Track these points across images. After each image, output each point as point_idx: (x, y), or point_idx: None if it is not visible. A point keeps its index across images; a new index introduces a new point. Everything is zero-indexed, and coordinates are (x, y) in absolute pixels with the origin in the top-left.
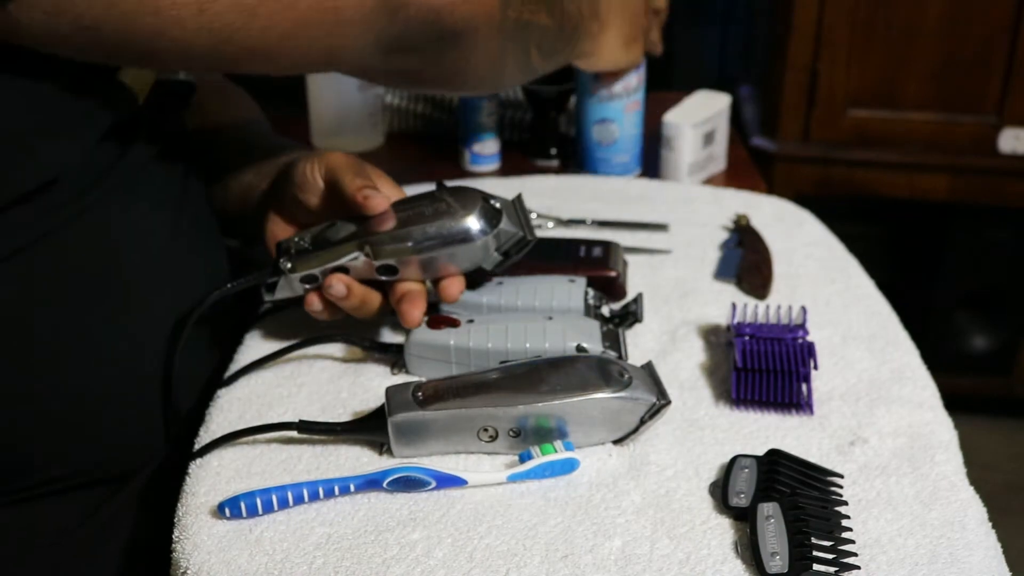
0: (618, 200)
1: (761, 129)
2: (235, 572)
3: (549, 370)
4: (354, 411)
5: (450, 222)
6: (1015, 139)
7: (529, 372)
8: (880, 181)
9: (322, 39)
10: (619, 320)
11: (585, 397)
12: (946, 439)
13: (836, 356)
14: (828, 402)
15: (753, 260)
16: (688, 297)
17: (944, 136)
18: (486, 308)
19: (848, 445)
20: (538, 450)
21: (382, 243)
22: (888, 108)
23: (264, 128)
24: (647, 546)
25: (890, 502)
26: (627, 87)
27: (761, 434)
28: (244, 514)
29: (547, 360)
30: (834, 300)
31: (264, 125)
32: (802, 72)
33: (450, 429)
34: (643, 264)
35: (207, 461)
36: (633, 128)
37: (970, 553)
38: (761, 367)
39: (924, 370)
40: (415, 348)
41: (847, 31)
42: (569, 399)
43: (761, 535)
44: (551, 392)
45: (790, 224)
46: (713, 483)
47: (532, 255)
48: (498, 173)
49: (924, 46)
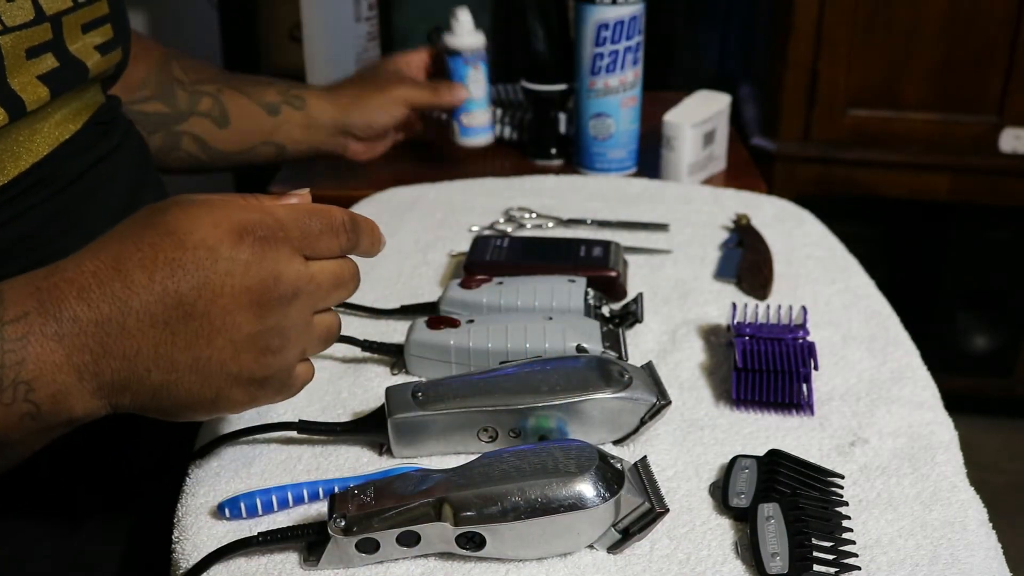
0: (618, 200)
1: (761, 129)
2: (235, 572)
3: (549, 370)
4: (354, 411)
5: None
6: (1015, 139)
7: (529, 372)
8: (880, 181)
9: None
10: (619, 320)
11: (585, 397)
12: (947, 439)
13: (836, 356)
14: (828, 402)
15: (753, 260)
16: (688, 297)
17: (944, 136)
18: (486, 308)
19: (848, 445)
20: None
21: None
22: (888, 108)
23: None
24: (647, 546)
25: (890, 503)
26: (623, 82)
27: (761, 434)
28: (244, 514)
29: (547, 360)
30: (834, 300)
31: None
32: (802, 72)
33: (450, 429)
34: (643, 264)
35: (207, 461)
36: (629, 124)
37: (971, 554)
38: (761, 367)
39: (924, 370)
40: (415, 348)
41: (847, 31)
42: (569, 399)
43: (761, 535)
44: (551, 392)
45: (790, 224)
46: (713, 483)
47: (532, 255)
48: (492, 151)
49: (924, 46)
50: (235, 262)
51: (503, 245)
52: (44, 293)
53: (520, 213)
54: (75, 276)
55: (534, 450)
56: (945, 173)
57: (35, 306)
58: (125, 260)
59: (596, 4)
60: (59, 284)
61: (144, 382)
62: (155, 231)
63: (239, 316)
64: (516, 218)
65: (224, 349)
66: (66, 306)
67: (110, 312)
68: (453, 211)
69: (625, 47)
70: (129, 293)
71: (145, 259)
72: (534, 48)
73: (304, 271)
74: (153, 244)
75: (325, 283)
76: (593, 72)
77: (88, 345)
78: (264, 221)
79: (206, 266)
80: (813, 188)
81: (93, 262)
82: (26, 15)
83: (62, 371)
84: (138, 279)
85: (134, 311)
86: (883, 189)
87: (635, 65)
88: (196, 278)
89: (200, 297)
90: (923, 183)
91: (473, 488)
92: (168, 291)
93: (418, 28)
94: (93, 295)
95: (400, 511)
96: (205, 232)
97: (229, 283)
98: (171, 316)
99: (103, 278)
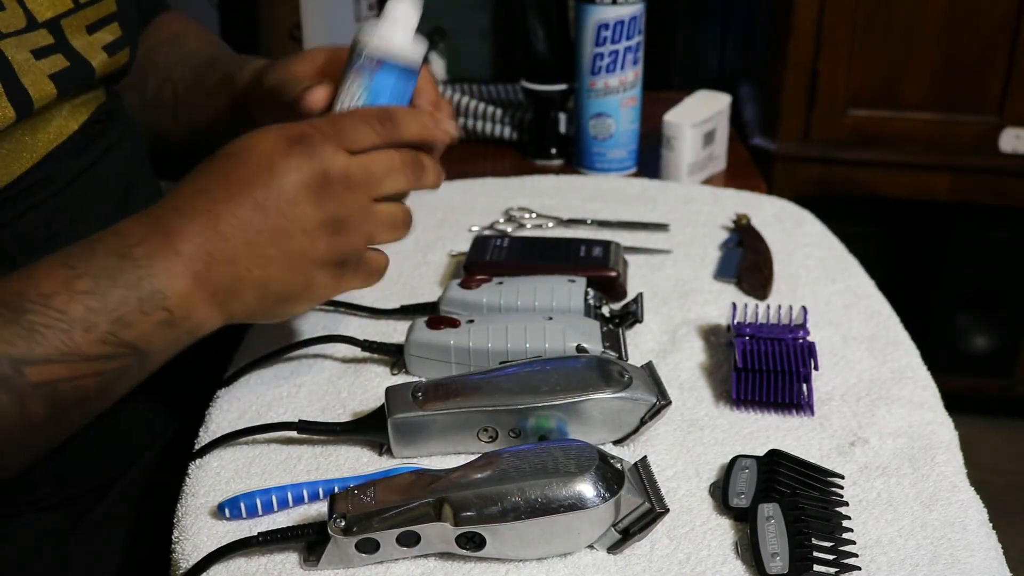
0: (618, 200)
1: (761, 129)
2: (235, 572)
3: (549, 370)
4: (354, 411)
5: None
6: (1016, 139)
7: (529, 372)
8: (881, 181)
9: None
10: (619, 320)
11: (585, 397)
12: (947, 440)
13: (836, 356)
14: (828, 402)
15: (753, 260)
16: (688, 297)
17: (945, 136)
18: (486, 308)
19: (848, 445)
20: None
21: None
22: (889, 108)
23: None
24: (647, 546)
25: (890, 503)
26: (623, 82)
27: (761, 434)
28: (244, 515)
29: (547, 360)
30: (834, 300)
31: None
32: (802, 72)
33: (450, 429)
34: (643, 264)
35: (207, 461)
36: (629, 124)
37: (971, 554)
38: (761, 367)
39: (925, 370)
40: (415, 348)
41: (847, 31)
42: (569, 399)
43: (761, 536)
44: (551, 392)
45: (790, 224)
46: (713, 483)
47: (532, 255)
48: (492, 151)
49: (925, 46)
50: (288, 165)
51: (503, 245)
52: (154, 219)
53: (520, 213)
54: (176, 203)
55: (534, 450)
56: (945, 173)
57: (151, 230)
58: (208, 186)
59: (596, 4)
60: (164, 212)
61: (247, 281)
62: (224, 160)
63: (305, 208)
64: (516, 218)
65: (301, 238)
66: (174, 227)
67: (208, 223)
68: (453, 211)
69: (625, 47)
70: (218, 208)
71: (222, 180)
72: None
73: (347, 160)
74: (224, 169)
75: (376, 171)
76: (593, 72)
77: (198, 254)
78: (304, 129)
79: (267, 174)
80: (813, 188)
81: (186, 192)
82: (18, 23)
83: (184, 278)
84: (220, 196)
85: (224, 219)
86: (883, 189)
87: (635, 65)
88: (263, 185)
89: (269, 198)
90: (923, 183)
91: (473, 488)
92: (245, 199)
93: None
94: (193, 215)
95: (400, 511)
96: (261, 148)
97: (288, 183)
98: (253, 219)
99: (196, 204)
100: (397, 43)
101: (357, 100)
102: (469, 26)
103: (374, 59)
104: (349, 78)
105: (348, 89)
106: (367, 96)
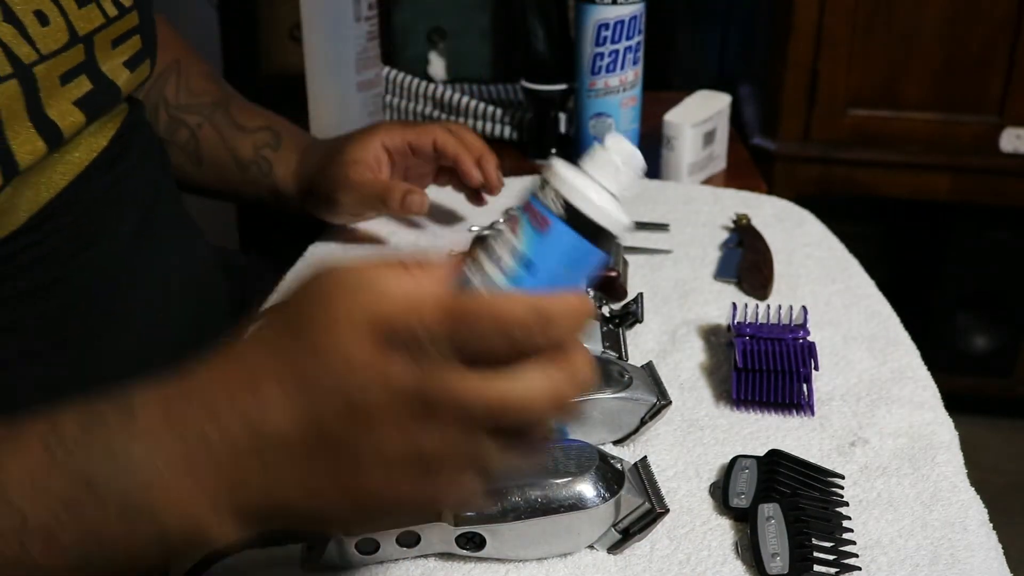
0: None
1: (761, 129)
2: (234, 573)
3: None
4: None
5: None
6: (1016, 139)
7: None
8: (881, 181)
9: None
10: (619, 320)
11: (585, 397)
12: (947, 440)
13: (837, 356)
14: (829, 402)
15: (753, 260)
16: (688, 297)
17: (945, 136)
18: None
19: (849, 446)
20: None
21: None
22: (889, 108)
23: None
24: (647, 546)
25: (891, 503)
26: (623, 82)
27: (761, 434)
28: None
29: None
30: (834, 300)
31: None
32: (802, 72)
33: None
34: (643, 264)
35: None
36: (629, 124)
37: (971, 554)
38: (761, 367)
39: (925, 370)
40: None
41: (847, 31)
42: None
43: (762, 536)
44: None
45: (790, 224)
46: (713, 484)
47: None
48: (492, 151)
49: (925, 45)
50: (373, 374)
51: None
52: (172, 403)
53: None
54: (206, 386)
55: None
56: (945, 173)
57: (161, 419)
58: (259, 371)
59: (596, 4)
60: (188, 394)
61: (288, 511)
62: (291, 332)
63: (384, 436)
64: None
65: (373, 475)
66: (193, 423)
67: (241, 436)
68: (453, 211)
69: (625, 47)
70: (262, 415)
71: (279, 371)
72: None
73: (464, 384)
74: (287, 351)
75: (503, 407)
76: (593, 72)
77: (220, 472)
78: (408, 322)
79: (342, 379)
80: (813, 188)
81: (225, 369)
82: (60, 40)
83: (193, 500)
84: (271, 397)
85: (268, 438)
86: (883, 189)
87: (635, 65)
88: (332, 395)
89: (338, 417)
90: (923, 183)
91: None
92: (303, 414)
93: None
94: (223, 413)
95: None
96: (341, 334)
97: (369, 399)
98: (309, 442)
99: (234, 392)
100: (607, 195)
101: (512, 264)
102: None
103: (560, 204)
104: (507, 226)
105: (501, 243)
106: (532, 260)
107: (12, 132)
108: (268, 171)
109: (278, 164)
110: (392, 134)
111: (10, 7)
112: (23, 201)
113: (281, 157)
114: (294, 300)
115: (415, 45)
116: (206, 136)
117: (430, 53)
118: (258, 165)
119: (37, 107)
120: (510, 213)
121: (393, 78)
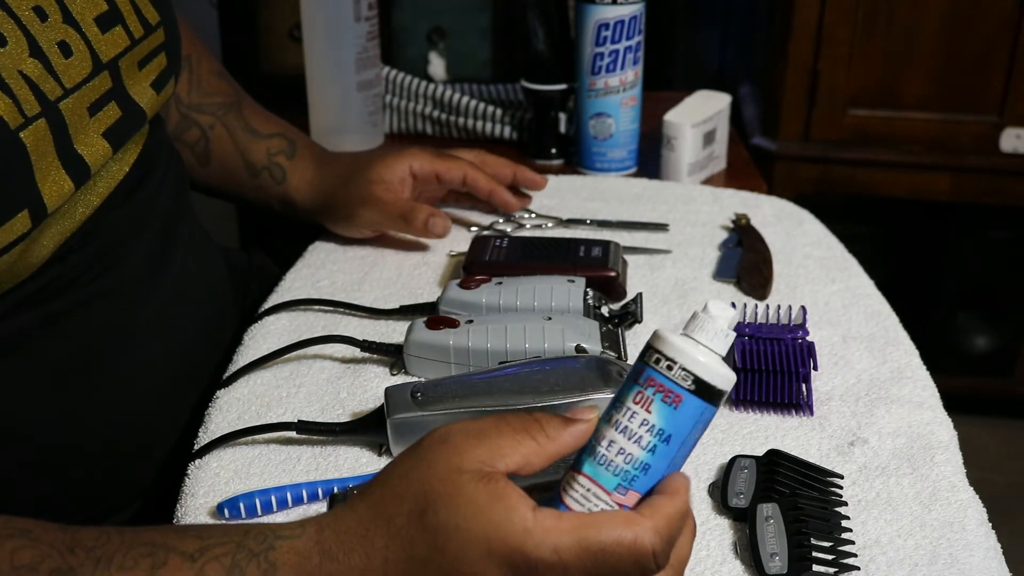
0: (618, 200)
1: (761, 129)
2: None
3: (548, 370)
4: (353, 411)
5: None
6: (1016, 138)
7: (528, 372)
8: (881, 181)
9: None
10: (619, 320)
11: (585, 397)
12: (946, 439)
13: (836, 356)
14: (828, 402)
15: (753, 260)
16: (688, 297)
17: (945, 136)
18: (485, 308)
19: (848, 445)
20: None
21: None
22: (889, 108)
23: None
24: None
25: (890, 503)
26: (623, 82)
27: (761, 434)
28: (243, 515)
29: (546, 360)
30: (834, 300)
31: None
32: (802, 72)
33: None
34: (643, 264)
35: (206, 462)
36: (629, 123)
37: (970, 554)
38: (761, 367)
39: (924, 370)
40: (414, 349)
41: (847, 31)
42: (569, 399)
43: (760, 536)
44: (550, 392)
45: (790, 224)
46: (712, 483)
47: (531, 255)
48: (492, 151)
49: (925, 45)
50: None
51: (502, 245)
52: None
53: (520, 213)
54: (342, 571)
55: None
56: (945, 173)
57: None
58: (391, 566)
59: (596, 4)
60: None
61: None
62: (425, 538)
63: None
64: (515, 218)
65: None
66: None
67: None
68: (452, 211)
69: (625, 47)
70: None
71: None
72: (534, 48)
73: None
74: (421, 561)
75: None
76: (593, 72)
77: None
78: (550, 562)
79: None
80: (813, 188)
81: (363, 553)
82: (84, 70)
83: None
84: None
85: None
86: (883, 189)
87: (635, 65)
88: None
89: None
90: (923, 183)
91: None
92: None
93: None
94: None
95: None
96: (474, 560)
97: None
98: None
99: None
100: (719, 359)
101: (651, 440)
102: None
103: (690, 380)
104: (629, 403)
105: (635, 420)
106: (668, 433)
107: (41, 175)
108: (281, 178)
109: (293, 173)
110: (422, 161)
111: (35, 39)
112: (47, 237)
113: (296, 166)
114: (430, 495)
115: (415, 45)
116: (217, 137)
117: (430, 53)
118: (270, 171)
119: (66, 144)
120: (625, 388)
121: (393, 78)
